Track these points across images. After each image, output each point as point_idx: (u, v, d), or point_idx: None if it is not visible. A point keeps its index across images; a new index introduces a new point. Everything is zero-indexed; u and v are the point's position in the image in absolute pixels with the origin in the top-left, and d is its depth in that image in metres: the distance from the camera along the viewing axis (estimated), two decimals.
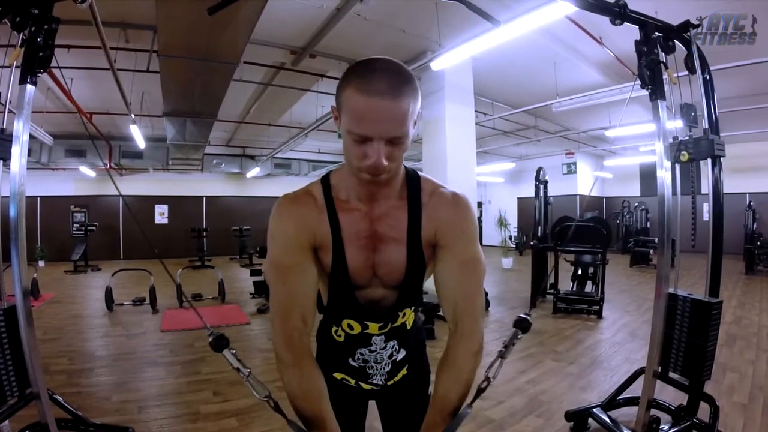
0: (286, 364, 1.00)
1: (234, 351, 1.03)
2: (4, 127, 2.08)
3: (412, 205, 1.05)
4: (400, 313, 1.12)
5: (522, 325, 1.14)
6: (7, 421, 2.13)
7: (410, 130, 0.91)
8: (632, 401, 2.83)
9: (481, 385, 1.03)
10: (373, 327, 1.11)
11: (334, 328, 1.16)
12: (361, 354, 1.14)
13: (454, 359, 1.02)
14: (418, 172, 1.11)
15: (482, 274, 1.07)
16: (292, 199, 1.05)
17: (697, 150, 2.44)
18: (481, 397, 1.06)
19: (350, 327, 1.12)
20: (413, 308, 1.17)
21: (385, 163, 0.89)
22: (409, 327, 1.18)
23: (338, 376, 1.20)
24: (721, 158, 2.48)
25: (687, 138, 2.49)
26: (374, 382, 1.17)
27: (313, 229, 1.02)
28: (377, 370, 1.16)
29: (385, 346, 1.14)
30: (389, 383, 1.20)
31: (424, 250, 1.05)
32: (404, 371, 1.21)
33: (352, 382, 1.19)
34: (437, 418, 0.97)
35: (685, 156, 2.45)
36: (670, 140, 2.48)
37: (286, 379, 1.00)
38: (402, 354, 1.18)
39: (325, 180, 1.08)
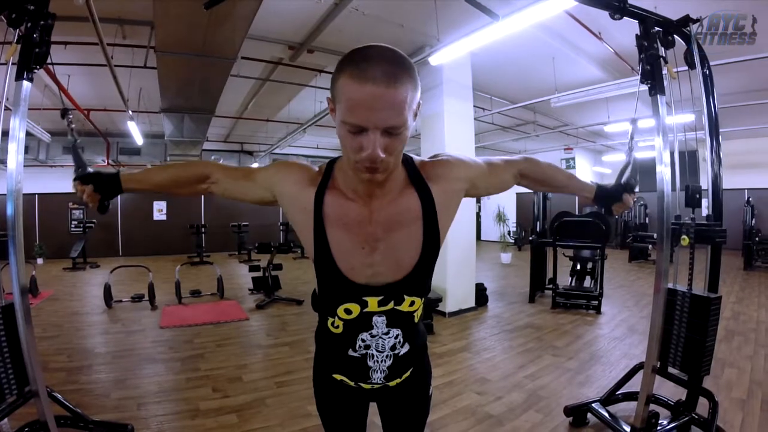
0: (174, 165, 1.25)
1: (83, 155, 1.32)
2: (0, 125, 2.07)
3: (419, 186, 1.05)
4: (407, 297, 1.08)
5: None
6: (6, 419, 2.14)
7: (409, 120, 0.87)
8: (631, 396, 2.84)
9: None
10: (372, 303, 1.06)
11: (330, 320, 1.13)
12: (363, 340, 1.10)
13: (544, 171, 1.32)
14: (408, 154, 1.09)
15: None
16: (304, 167, 1.10)
17: (699, 236, 2.43)
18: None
19: (348, 311, 1.08)
20: (422, 299, 1.14)
21: (382, 155, 0.85)
22: (417, 320, 1.15)
23: (338, 377, 1.19)
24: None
25: (689, 221, 2.48)
26: (374, 379, 1.14)
27: (294, 198, 1.07)
28: (378, 362, 1.12)
29: (388, 332, 1.10)
30: (390, 384, 1.17)
31: (440, 224, 1.07)
32: (408, 374, 1.19)
33: (352, 383, 1.17)
34: (588, 190, 1.36)
35: (685, 240, 2.44)
36: (673, 219, 2.45)
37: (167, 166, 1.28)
38: (406, 348, 1.14)
39: (330, 165, 1.08)
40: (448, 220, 1.10)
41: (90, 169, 1.23)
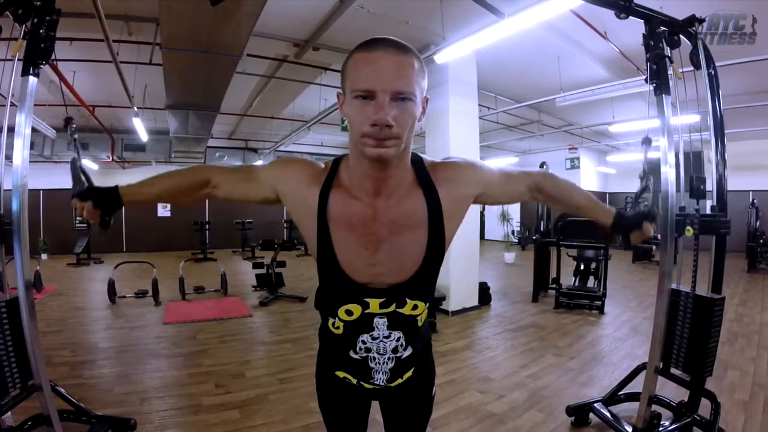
0: (173, 173, 1.21)
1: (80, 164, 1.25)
2: (6, 121, 2.08)
3: (426, 189, 1.03)
4: (410, 301, 1.07)
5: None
6: (9, 413, 2.15)
7: (417, 94, 0.89)
8: (633, 397, 2.84)
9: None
10: (373, 304, 1.05)
11: (330, 321, 1.13)
12: (363, 342, 1.09)
13: (561, 189, 1.24)
14: (418, 154, 1.09)
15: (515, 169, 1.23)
16: (307, 164, 1.10)
17: (703, 227, 2.39)
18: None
19: (349, 313, 1.07)
20: (426, 304, 1.12)
21: (391, 121, 0.85)
22: (420, 324, 1.14)
23: (340, 374, 1.18)
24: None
25: (694, 212, 2.43)
26: (376, 380, 1.13)
27: (298, 197, 1.06)
28: (380, 364, 1.11)
29: (389, 335, 1.09)
30: (393, 384, 1.16)
31: (446, 229, 1.04)
32: (410, 373, 1.18)
33: (354, 381, 1.16)
34: (605, 215, 1.21)
35: (690, 231, 2.41)
36: (677, 211, 2.42)
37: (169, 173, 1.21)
38: (408, 352, 1.13)
39: (336, 163, 1.07)
40: (454, 226, 1.07)
41: (86, 185, 1.20)
